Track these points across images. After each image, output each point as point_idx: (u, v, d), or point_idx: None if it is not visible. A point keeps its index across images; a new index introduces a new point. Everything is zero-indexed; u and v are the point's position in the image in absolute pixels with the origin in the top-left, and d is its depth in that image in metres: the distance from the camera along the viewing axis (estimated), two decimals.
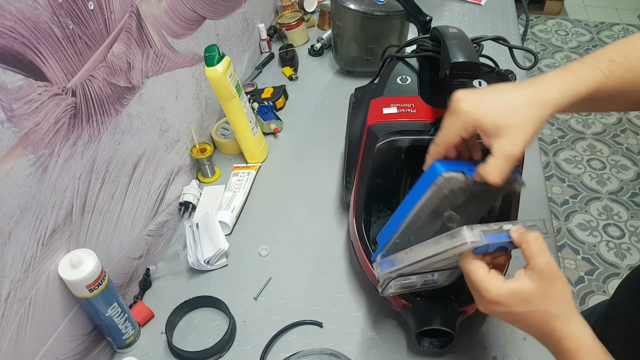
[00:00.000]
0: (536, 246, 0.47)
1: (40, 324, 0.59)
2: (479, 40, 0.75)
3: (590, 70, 0.50)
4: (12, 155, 0.53)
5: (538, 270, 0.46)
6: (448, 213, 0.58)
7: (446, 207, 0.58)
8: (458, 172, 0.54)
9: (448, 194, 0.56)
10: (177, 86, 0.90)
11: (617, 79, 0.50)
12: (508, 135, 0.48)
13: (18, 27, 0.52)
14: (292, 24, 1.34)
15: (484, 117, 0.49)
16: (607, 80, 0.50)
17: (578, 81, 0.49)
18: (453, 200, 0.57)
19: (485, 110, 0.49)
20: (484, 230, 0.49)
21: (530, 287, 0.47)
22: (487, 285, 0.48)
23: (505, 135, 0.48)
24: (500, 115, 0.49)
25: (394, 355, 0.72)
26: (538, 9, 3.27)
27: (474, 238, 0.48)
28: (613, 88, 0.50)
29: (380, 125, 0.70)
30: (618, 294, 0.78)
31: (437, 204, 0.57)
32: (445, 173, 0.53)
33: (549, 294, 0.46)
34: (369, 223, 0.77)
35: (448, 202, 0.57)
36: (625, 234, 1.97)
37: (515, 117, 0.48)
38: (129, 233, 0.78)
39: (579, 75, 0.50)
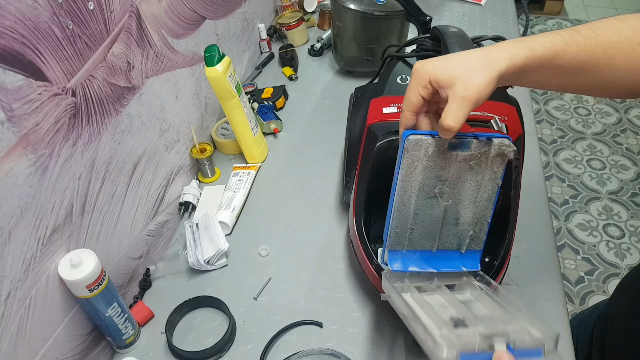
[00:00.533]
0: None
1: (40, 324, 0.59)
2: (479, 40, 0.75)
3: (550, 36, 0.51)
4: (12, 155, 0.53)
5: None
6: (438, 188, 0.58)
7: (433, 181, 0.57)
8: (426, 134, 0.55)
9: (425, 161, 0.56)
10: (177, 86, 0.90)
11: (581, 48, 0.50)
12: (460, 81, 0.50)
13: (18, 27, 0.52)
14: (292, 24, 1.34)
15: (438, 71, 0.51)
16: (567, 46, 0.50)
17: (534, 41, 0.50)
18: (437, 172, 0.57)
19: (439, 66, 0.51)
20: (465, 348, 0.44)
21: None
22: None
23: (458, 82, 0.50)
24: (453, 68, 0.50)
25: (394, 355, 0.72)
26: (538, 9, 3.27)
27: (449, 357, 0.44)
28: (576, 57, 0.50)
29: (380, 124, 0.70)
30: (617, 293, 0.78)
31: (421, 177, 0.57)
32: (411, 135, 0.54)
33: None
34: (369, 223, 0.77)
35: (432, 175, 0.57)
36: (625, 234, 1.97)
37: (468, 68, 0.50)
38: (129, 233, 0.78)
39: (536, 38, 0.51)
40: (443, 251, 0.62)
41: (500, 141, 0.56)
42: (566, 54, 0.50)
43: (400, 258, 0.61)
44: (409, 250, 0.61)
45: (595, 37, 0.51)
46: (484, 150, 0.56)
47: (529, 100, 1.15)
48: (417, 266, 0.60)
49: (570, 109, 2.56)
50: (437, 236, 0.61)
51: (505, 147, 0.56)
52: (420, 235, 0.60)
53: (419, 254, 0.61)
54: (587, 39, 0.50)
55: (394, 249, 0.61)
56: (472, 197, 0.59)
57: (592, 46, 0.50)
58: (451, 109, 0.50)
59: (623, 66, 0.51)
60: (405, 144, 0.54)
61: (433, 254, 0.61)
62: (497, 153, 0.56)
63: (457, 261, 0.62)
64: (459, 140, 0.55)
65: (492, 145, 0.56)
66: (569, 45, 0.50)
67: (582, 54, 0.50)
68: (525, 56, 0.50)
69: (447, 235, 0.61)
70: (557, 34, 0.51)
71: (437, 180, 0.57)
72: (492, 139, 0.56)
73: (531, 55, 0.50)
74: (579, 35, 0.51)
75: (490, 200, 0.60)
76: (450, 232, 0.61)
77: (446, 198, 0.58)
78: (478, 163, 0.57)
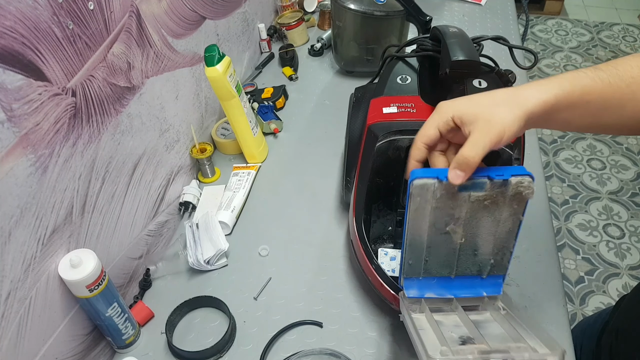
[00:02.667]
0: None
1: (40, 324, 0.59)
2: (479, 40, 0.75)
3: (574, 74, 0.51)
4: (12, 155, 0.53)
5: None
6: (450, 227, 0.55)
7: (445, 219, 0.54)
8: (432, 177, 0.51)
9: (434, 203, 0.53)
10: (177, 86, 0.90)
11: (605, 84, 0.50)
12: (484, 116, 0.49)
13: (18, 27, 0.52)
14: (292, 24, 1.34)
15: (463, 107, 0.50)
16: (593, 82, 0.50)
17: (561, 79, 0.50)
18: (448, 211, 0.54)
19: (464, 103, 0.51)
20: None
21: None
22: None
23: (481, 117, 0.49)
24: (478, 105, 0.50)
25: (394, 355, 0.72)
26: (538, 9, 3.27)
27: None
28: (602, 93, 0.50)
29: (380, 124, 0.70)
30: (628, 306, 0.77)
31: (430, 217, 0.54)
32: (416, 180, 0.51)
33: None
34: (369, 223, 0.77)
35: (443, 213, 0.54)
36: (625, 234, 1.97)
37: (493, 104, 0.49)
38: (129, 233, 0.78)
39: (562, 77, 0.50)
40: (462, 278, 0.59)
41: (518, 181, 0.51)
42: (593, 91, 0.50)
43: (417, 284, 0.59)
44: (425, 277, 0.59)
45: (617, 72, 0.51)
46: (499, 191, 0.52)
47: None
48: (435, 292, 0.58)
49: None
50: (455, 265, 0.58)
51: (523, 188, 0.51)
52: (436, 265, 0.58)
53: (437, 280, 0.59)
54: (610, 75, 0.51)
55: (410, 277, 0.59)
56: (490, 231, 0.56)
57: (616, 81, 0.50)
58: (471, 140, 0.49)
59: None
60: (410, 189, 0.52)
61: (452, 280, 0.59)
62: (516, 193, 0.52)
63: (479, 286, 0.59)
64: (469, 181, 0.51)
65: (509, 186, 0.52)
66: (594, 81, 0.50)
67: (608, 90, 0.50)
68: (554, 94, 0.49)
69: (465, 264, 0.58)
70: (581, 72, 0.51)
71: (449, 219, 0.54)
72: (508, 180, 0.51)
73: (560, 92, 0.49)
74: (601, 72, 0.51)
75: (512, 233, 0.56)
76: (468, 261, 0.58)
77: (459, 237, 0.55)
78: (494, 202, 0.53)
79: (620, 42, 3.00)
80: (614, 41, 3.01)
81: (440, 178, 0.51)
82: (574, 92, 0.50)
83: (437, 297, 0.58)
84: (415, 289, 0.60)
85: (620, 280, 1.81)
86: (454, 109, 0.51)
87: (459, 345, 0.49)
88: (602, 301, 1.76)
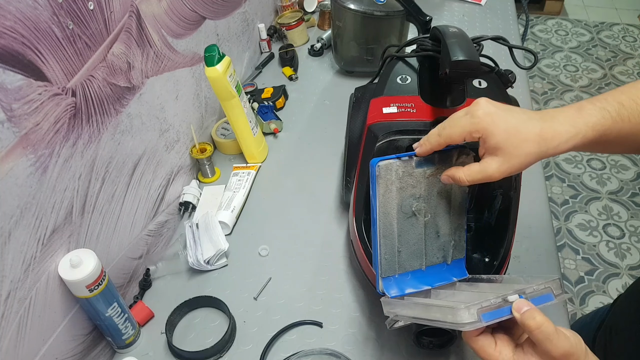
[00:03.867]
0: (541, 334, 0.44)
1: (40, 324, 0.59)
2: (479, 40, 0.75)
3: (599, 114, 0.51)
4: (12, 155, 0.53)
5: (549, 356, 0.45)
6: (415, 206, 0.60)
7: (409, 200, 0.60)
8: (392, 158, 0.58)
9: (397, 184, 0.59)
10: (177, 86, 0.90)
11: (625, 121, 0.51)
12: (502, 158, 0.51)
13: (18, 27, 0.52)
14: (292, 24, 1.34)
15: (493, 133, 0.51)
16: (614, 123, 0.51)
17: (587, 125, 0.51)
18: (411, 191, 0.60)
19: (497, 126, 0.51)
20: (483, 307, 0.47)
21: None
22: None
23: (499, 156, 0.51)
24: (506, 139, 0.51)
25: (393, 355, 0.72)
26: (538, 9, 3.27)
27: (471, 319, 0.46)
28: (621, 130, 0.51)
29: (380, 124, 0.70)
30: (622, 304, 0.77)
31: (397, 200, 0.60)
32: (381, 162, 0.58)
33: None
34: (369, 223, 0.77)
35: (407, 194, 0.60)
36: (625, 234, 1.97)
37: (517, 147, 0.51)
38: (129, 233, 0.78)
39: (589, 119, 0.51)
40: (432, 267, 0.64)
41: (458, 150, 0.59)
42: (612, 131, 0.51)
43: (394, 283, 0.62)
44: (401, 274, 0.63)
45: (637, 108, 0.52)
46: (447, 164, 0.60)
47: (529, 100, 1.15)
48: (413, 287, 0.62)
49: None
50: (424, 253, 0.62)
51: (464, 155, 0.59)
52: (408, 255, 0.62)
53: (411, 275, 0.63)
54: (631, 113, 0.51)
55: (387, 276, 0.62)
56: (446, 208, 0.62)
57: (636, 117, 0.51)
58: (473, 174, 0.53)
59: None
60: (377, 171, 0.58)
61: (424, 272, 0.63)
62: (459, 162, 0.59)
63: (447, 273, 0.64)
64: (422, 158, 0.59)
65: (452, 157, 0.60)
66: (615, 122, 0.51)
67: (627, 127, 0.51)
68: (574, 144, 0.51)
69: (432, 250, 0.63)
70: (606, 111, 0.51)
71: (413, 199, 0.60)
72: (451, 151, 0.59)
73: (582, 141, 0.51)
74: (624, 109, 0.51)
75: (462, 207, 0.63)
76: (434, 246, 0.63)
77: (424, 214, 0.61)
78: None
79: (620, 42, 3.00)
80: (614, 41, 3.01)
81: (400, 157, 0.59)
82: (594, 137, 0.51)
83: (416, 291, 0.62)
84: (395, 287, 0.62)
85: (620, 280, 1.81)
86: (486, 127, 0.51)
87: None
88: (602, 301, 1.76)
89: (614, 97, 0.52)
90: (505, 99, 0.73)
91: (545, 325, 0.44)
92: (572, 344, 0.45)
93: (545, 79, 2.74)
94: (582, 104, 0.52)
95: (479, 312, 0.46)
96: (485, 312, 0.46)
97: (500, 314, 0.47)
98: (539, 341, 0.45)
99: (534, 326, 0.44)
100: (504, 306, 0.47)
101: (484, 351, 0.48)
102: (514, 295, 0.48)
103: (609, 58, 2.88)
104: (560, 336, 0.44)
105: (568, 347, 0.44)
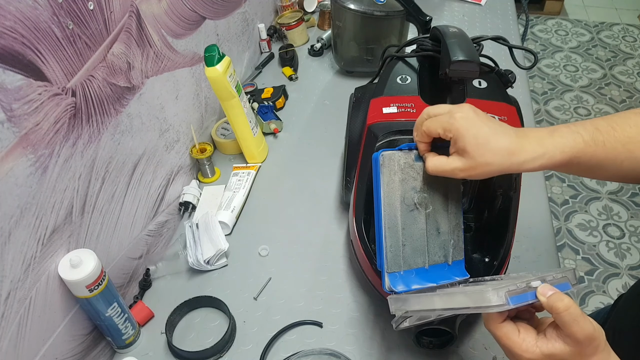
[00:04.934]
0: (568, 316, 0.45)
1: (40, 324, 0.59)
2: (479, 40, 0.75)
3: (571, 137, 0.52)
4: (12, 155, 0.53)
5: (574, 338, 0.45)
6: (418, 198, 0.61)
7: (411, 193, 0.61)
8: (396, 150, 0.60)
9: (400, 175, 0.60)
10: (177, 86, 0.90)
11: (599, 146, 0.52)
12: (466, 160, 0.53)
13: (18, 27, 0.52)
14: (292, 24, 1.34)
15: (464, 136, 0.53)
16: (586, 147, 0.52)
17: (555, 147, 0.52)
18: (412, 183, 0.61)
19: (468, 131, 0.53)
20: (510, 290, 0.47)
21: (565, 350, 0.46)
22: (519, 351, 0.48)
23: (464, 158, 0.53)
24: (474, 144, 0.52)
25: (393, 355, 0.72)
26: (538, 9, 3.27)
27: (499, 301, 0.47)
28: (594, 155, 0.52)
29: (380, 124, 0.70)
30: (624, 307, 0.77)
31: (400, 191, 0.61)
32: (384, 152, 0.59)
33: (585, 354, 0.46)
34: (369, 223, 0.77)
35: (409, 187, 0.61)
36: (625, 234, 1.97)
37: (481, 155, 0.52)
38: (129, 233, 0.78)
39: (558, 141, 0.52)
40: (434, 267, 0.64)
41: None
42: (585, 155, 0.52)
43: (400, 280, 0.62)
44: (406, 271, 0.63)
45: (614, 134, 0.52)
46: None
47: (529, 100, 1.15)
48: (418, 283, 0.62)
49: (570, 109, 2.56)
50: (426, 250, 0.63)
51: None
52: (412, 251, 0.63)
53: (415, 273, 0.63)
54: (606, 138, 0.52)
55: (393, 272, 0.62)
56: (444, 205, 0.63)
57: (612, 143, 0.52)
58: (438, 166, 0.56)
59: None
60: (380, 160, 0.60)
61: (427, 271, 0.64)
62: None
63: (448, 273, 0.65)
64: None
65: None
66: (588, 145, 0.51)
67: (601, 152, 0.52)
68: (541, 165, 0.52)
69: (433, 248, 0.63)
70: (579, 135, 0.52)
71: (414, 192, 0.61)
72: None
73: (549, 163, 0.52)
74: (599, 134, 0.52)
75: (458, 204, 0.63)
76: (435, 243, 0.63)
77: (425, 205, 0.62)
78: None
79: (620, 42, 3.00)
80: (613, 41, 3.01)
81: (401, 148, 0.61)
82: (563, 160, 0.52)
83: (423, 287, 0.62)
84: (401, 283, 0.62)
85: (620, 280, 1.81)
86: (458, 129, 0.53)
87: None
88: (602, 301, 1.76)
89: (592, 123, 0.53)
90: (505, 99, 0.73)
91: (573, 307, 0.45)
92: (596, 329, 0.45)
93: (545, 79, 2.74)
94: (558, 127, 0.54)
95: (506, 295, 0.47)
96: (512, 295, 0.47)
97: (525, 298, 0.48)
98: (566, 323, 0.45)
99: (562, 308, 0.45)
100: (528, 291, 0.48)
101: (508, 338, 0.48)
102: (537, 281, 0.49)
103: (609, 58, 2.88)
104: (586, 319, 0.45)
105: (592, 330, 0.45)
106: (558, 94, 2.65)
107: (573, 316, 0.45)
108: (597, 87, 2.67)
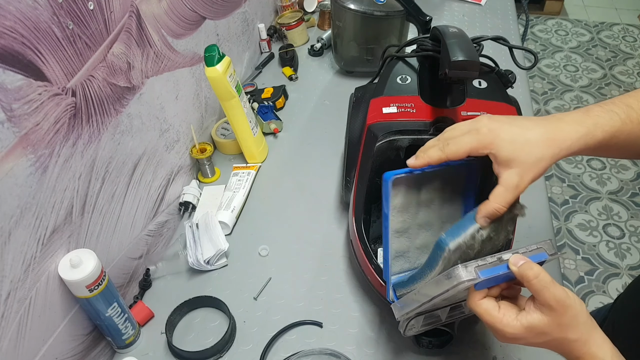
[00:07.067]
0: (539, 283, 0.46)
1: (40, 324, 0.59)
2: (479, 40, 0.75)
3: (608, 115, 0.51)
4: (12, 155, 0.53)
5: (547, 305, 0.46)
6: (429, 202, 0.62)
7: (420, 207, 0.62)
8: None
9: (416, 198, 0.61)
10: (177, 86, 0.90)
11: (635, 123, 0.51)
12: (517, 168, 0.50)
13: (18, 27, 0.52)
14: (292, 24, 1.34)
15: (500, 146, 0.51)
16: (624, 125, 0.51)
17: (596, 125, 0.51)
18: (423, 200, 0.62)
19: (503, 139, 0.51)
20: (479, 265, 0.48)
21: (543, 320, 0.46)
22: (500, 326, 0.48)
23: (515, 167, 0.50)
24: (515, 148, 0.50)
25: (393, 355, 0.72)
26: (538, 9, 3.27)
27: (469, 276, 0.47)
28: (630, 133, 0.51)
29: (380, 124, 0.70)
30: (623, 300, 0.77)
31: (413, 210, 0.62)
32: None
33: (563, 323, 0.46)
34: (369, 223, 0.77)
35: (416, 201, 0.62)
36: (625, 234, 1.97)
37: (528, 153, 0.50)
38: (129, 233, 0.78)
39: (597, 120, 0.51)
40: None
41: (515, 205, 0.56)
42: (622, 133, 0.51)
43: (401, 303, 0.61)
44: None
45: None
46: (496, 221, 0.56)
47: (529, 100, 1.15)
48: None
49: (571, 109, 2.56)
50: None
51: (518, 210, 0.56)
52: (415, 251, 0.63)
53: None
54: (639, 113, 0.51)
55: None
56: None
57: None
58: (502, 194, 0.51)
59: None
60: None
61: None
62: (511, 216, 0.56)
63: None
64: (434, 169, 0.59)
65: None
66: (625, 123, 0.51)
67: (637, 129, 0.51)
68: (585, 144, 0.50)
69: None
70: (615, 114, 0.51)
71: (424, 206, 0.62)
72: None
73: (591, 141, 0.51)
74: (633, 112, 0.51)
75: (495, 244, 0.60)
76: None
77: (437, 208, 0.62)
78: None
79: (620, 42, 3.00)
80: (614, 41, 3.01)
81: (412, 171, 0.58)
82: (604, 139, 0.51)
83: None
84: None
85: (620, 280, 1.81)
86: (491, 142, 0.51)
87: None
88: (602, 301, 1.76)
89: (621, 100, 0.52)
90: (505, 99, 0.73)
91: (542, 274, 0.46)
92: (570, 296, 0.46)
93: (545, 79, 2.74)
94: (590, 107, 0.52)
95: (476, 269, 0.47)
96: (482, 269, 0.48)
97: (497, 271, 0.48)
98: (537, 291, 0.46)
99: (532, 275, 0.46)
100: (499, 264, 0.48)
101: (488, 314, 0.49)
102: (509, 254, 0.49)
103: (609, 58, 2.88)
104: (557, 286, 0.46)
105: (565, 297, 0.45)
106: (558, 94, 2.65)
107: (543, 283, 0.45)
108: (597, 87, 2.67)
